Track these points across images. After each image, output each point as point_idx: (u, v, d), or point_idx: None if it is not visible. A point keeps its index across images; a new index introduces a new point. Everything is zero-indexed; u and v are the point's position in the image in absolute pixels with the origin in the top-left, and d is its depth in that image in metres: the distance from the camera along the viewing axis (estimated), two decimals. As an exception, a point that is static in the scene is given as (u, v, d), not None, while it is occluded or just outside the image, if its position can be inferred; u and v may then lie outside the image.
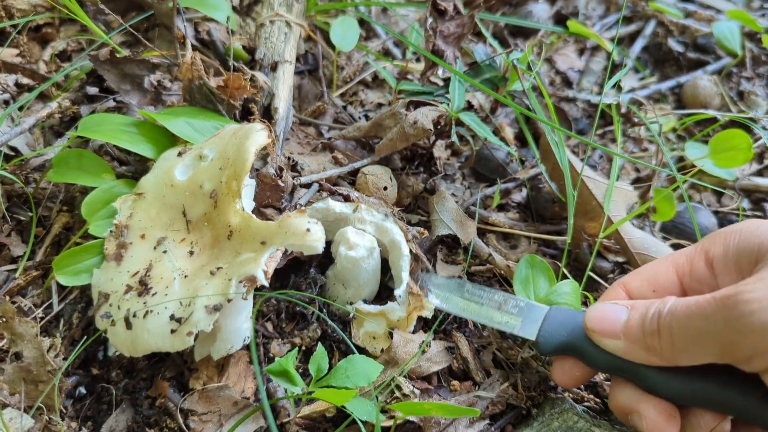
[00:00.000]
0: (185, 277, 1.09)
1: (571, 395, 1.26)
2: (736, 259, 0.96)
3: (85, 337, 1.25)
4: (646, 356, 0.96)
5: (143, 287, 1.09)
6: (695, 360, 0.91)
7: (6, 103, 1.52)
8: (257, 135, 1.16)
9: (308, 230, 1.02)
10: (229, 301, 0.99)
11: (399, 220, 1.36)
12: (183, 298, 1.03)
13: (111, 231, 1.21)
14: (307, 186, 1.43)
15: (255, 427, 1.15)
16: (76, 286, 1.30)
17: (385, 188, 1.46)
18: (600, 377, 1.32)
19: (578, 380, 1.12)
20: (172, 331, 1.01)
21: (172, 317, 1.02)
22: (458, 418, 1.18)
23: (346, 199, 1.35)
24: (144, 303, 1.05)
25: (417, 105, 1.50)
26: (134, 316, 1.05)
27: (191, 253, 1.15)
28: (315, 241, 1.02)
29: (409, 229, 1.35)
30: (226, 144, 1.21)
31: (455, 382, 1.24)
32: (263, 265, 1.00)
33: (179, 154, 1.28)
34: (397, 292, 1.21)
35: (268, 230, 1.05)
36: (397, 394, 1.17)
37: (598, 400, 1.28)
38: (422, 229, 1.37)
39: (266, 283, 1.00)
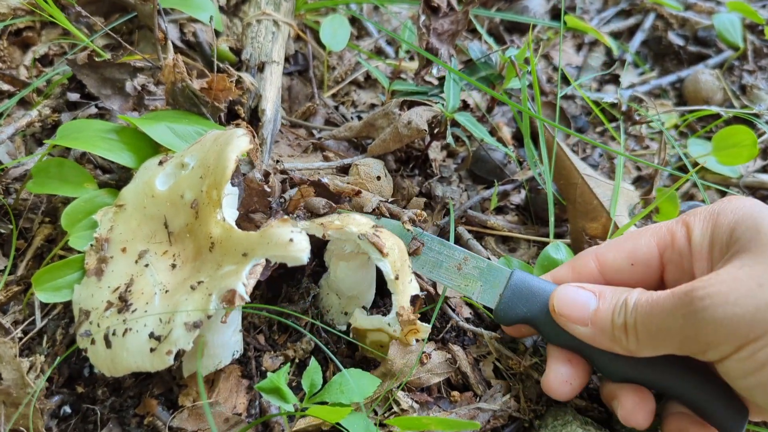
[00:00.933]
0: (166, 292, 1.04)
1: (574, 405, 1.21)
2: (711, 243, 0.99)
3: (59, 357, 1.19)
4: (610, 345, 1.00)
5: (123, 303, 1.04)
6: (657, 352, 0.96)
7: (-16, 110, 1.47)
8: (238, 141, 1.10)
9: (291, 240, 0.96)
10: (209, 317, 0.94)
11: (393, 206, 1.30)
12: (162, 314, 0.98)
13: (91, 245, 1.17)
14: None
15: (245, 444, 1.11)
16: (59, 302, 1.25)
17: (378, 178, 1.40)
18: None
19: (574, 391, 1.11)
20: (152, 350, 0.96)
21: (151, 335, 0.97)
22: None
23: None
24: (123, 320, 1.00)
25: (411, 105, 1.45)
26: (113, 334, 1.00)
27: (173, 266, 1.10)
28: (299, 252, 0.96)
29: (404, 212, 1.29)
30: (207, 151, 1.15)
31: (455, 393, 1.20)
32: (244, 279, 0.94)
33: (160, 163, 1.22)
34: (386, 319, 1.15)
35: (249, 241, 0.99)
36: (395, 408, 1.13)
37: (602, 409, 1.23)
38: (419, 210, 1.30)
39: (247, 298, 0.94)
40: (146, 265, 1.09)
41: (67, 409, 1.19)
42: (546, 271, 1.22)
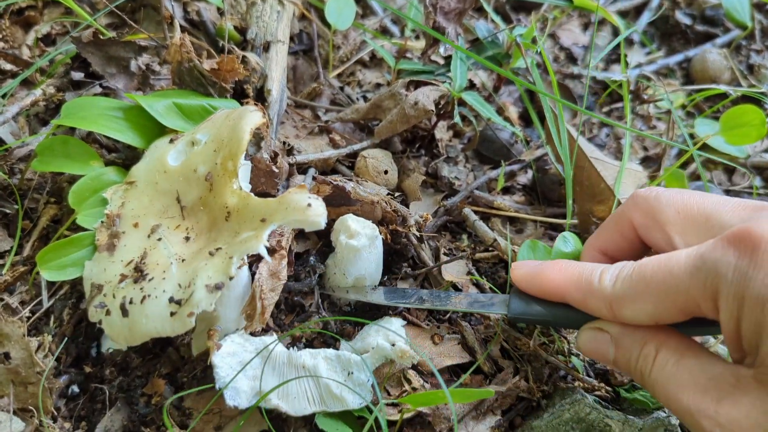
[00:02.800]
0: (182, 261, 1.04)
1: (581, 385, 1.21)
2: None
3: (66, 338, 1.20)
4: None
5: (139, 274, 1.04)
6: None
7: (-12, 90, 1.45)
8: (252, 115, 1.12)
9: (309, 205, 0.97)
10: (231, 278, 0.94)
11: (400, 205, 1.30)
12: (182, 279, 0.99)
13: (102, 221, 1.16)
14: (304, 172, 1.38)
15: (258, 429, 1.11)
16: (66, 281, 1.24)
17: (386, 172, 1.41)
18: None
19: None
20: (172, 314, 0.97)
21: (171, 300, 0.98)
22: (468, 411, 1.14)
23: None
24: (141, 289, 1.01)
25: (417, 85, 1.44)
26: (131, 302, 1.00)
27: (187, 238, 1.10)
28: (317, 216, 0.97)
29: (411, 214, 1.30)
30: (219, 127, 1.16)
31: (467, 376, 1.19)
32: (265, 241, 0.95)
33: (171, 141, 1.23)
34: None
35: (268, 207, 1.00)
36: (407, 387, 1.13)
37: (609, 389, 1.23)
38: (425, 213, 1.32)
39: (269, 259, 0.99)
40: (159, 239, 1.09)
41: (75, 388, 1.20)
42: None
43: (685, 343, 0.83)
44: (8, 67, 1.49)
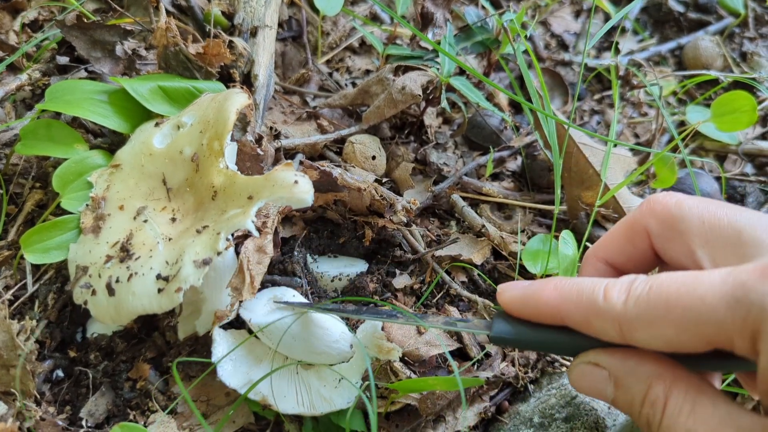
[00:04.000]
0: (169, 240, 1.04)
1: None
2: None
3: (49, 322, 1.19)
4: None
5: (125, 253, 1.03)
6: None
7: (-26, 75, 1.44)
8: (237, 96, 1.12)
9: (296, 182, 0.97)
10: (219, 254, 0.94)
11: (388, 191, 1.30)
12: (169, 257, 0.99)
13: (87, 204, 1.16)
14: (291, 157, 1.37)
15: (244, 422, 1.11)
16: (51, 266, 1.24)
17: (374, 157, 1.40)
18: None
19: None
20: (159, 291, 0.96)
21: (158, 277, 0.97)
22: (456, 397, 1.13)
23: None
24: (127, 267, 1.01)
25: (405, 70, 1.43)
26: (117, 281, 1.00)
27: (173, 219, 1.11)
28: (303, 193, 0.97)
29: (398, 200, 1.30)
30: (205, 109, 1.16)
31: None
32: (253, 217, 0.96)
33: (156, 125, 1.23)
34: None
35: (255, 184, 1.01)
36: (394, 380, 1.12)
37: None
38: (413, 198, 1.31)
39: (257, 234, 0.98)
40: (145, 221, 1.09)
41: (60, 373, 1.19)
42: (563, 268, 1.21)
43: (696, 384, 0.70)
44: (-6, 52, 1.48)
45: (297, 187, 0.98)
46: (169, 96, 1.24)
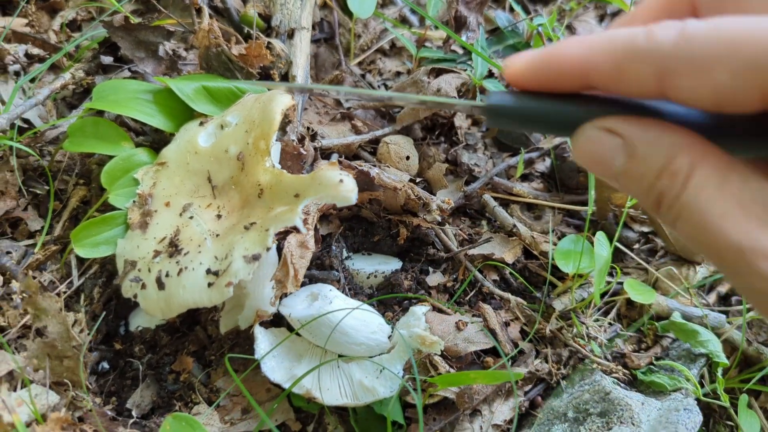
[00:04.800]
0: (217, 236, 1.08)
1: (599, 367, 1.24)
2: None
3: (104, 312, 1.23)
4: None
5: (174, 248, 1.07)
6: None
7: (17, 74, 1.47)
8: (282, 97, 1.15)
9: (341, 181, 1.00)
10: (267, 250, 0.97)
11: (422, 191, 1.33)
12: (218, 253, 1.03)
13: (134, 201, 1.19)
14: (327, 157, 1.40)
15: (285, 417, 1.14)
16: (95, 260, 1.27)
17: (408, 158, 1.43)
18: (628, 348, 1.30)
19: None
20: (210, 285, 1.00)
21: (208, 271, 1.01)
22: (491, 392, 1.16)
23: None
24: (176, 262, 1.04)
25: (438, 73, 1.46)
26: (167, 275, 1.04)
27: (219, 216, 1.14)
28: (348, 192, 1.00)
29: (433, 199, 1.32)
30: (249, 109, 1.19)
31: (489, 359, 1.22)
32: (300, 215, 0.99)
33: (201, 124, 1.26)
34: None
35: (301, 183, 1.04)
36: (433, 373, 1.15)
37: (626, 371, 1.26)
38: (447, 197, 1.34)
39: (304, 230, 1.02)
40: (191, 217, 1.12)
41: (105, 365, 1.22)
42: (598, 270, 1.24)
43: (726, 161, 0.60)
44: (35, 51, 1.51)
45: (342, 186, 1.00)
46: (213, 96, 1.27)
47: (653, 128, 0.62)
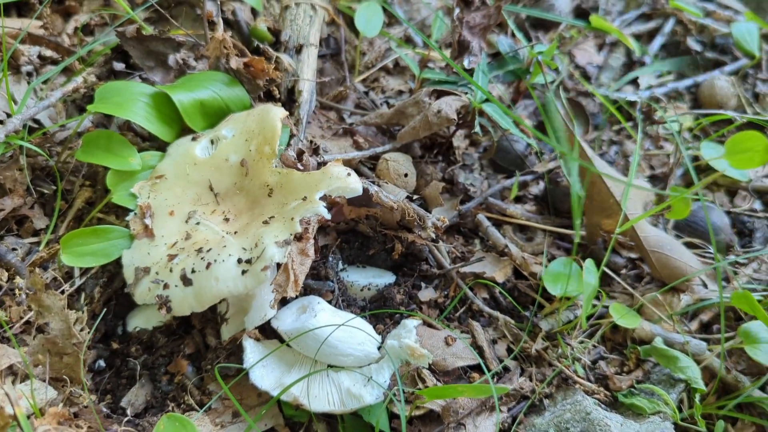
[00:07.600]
0: (235, 233, 1.15)
1: (582, 387, 1.28)
2: None
3: (100, 314, 1.26)
4: None
5: (196, 248, 1.14)
6: None
7: (29, 75, 1.51)
8: (275, 109, 1.27)
9: (349, 174, 1.16)
10: (295, 236, 1.08)
11: (418, 207, 1.37)
12: (245, 244, 1.11)
13: (135, 213, 1.23)
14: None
15: (274, 423, 1.17)
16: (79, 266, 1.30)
17: (406, 175, 1.47)
18: (611, 370, 1.34)
19: None
20: (244, 272, 1.07)
21: (239, 261, 1.08)
22: (475, 408, 1.20)
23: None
24: (202, 258, 1.10)
25: (440, 94, 1.51)
26: (193, 271, 1.09)
27: (226, 219, 1.21)
28: (356, 183, 1.16)
29: (428, 216, 1.36)
30: (244, 122, 1.30)
31: (475, 375, 1.26)
32: (321, 203, 1.11)
33: (194, 139, 1.33)
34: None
35: (313, 178, 1.17)
36: (421, 386, 1.18)
37: (608, 393, 1.30)
38: (442, 216, 1.38)
39: (328, 216, 1.12)
40: (197, 223, 1.19)
41: (102, 363, 1.26)
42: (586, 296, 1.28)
43: None
44: (48, 53, 1.55)
45: (350, 179, 1.16)
46: (206, 112, 1.35)
47: None
